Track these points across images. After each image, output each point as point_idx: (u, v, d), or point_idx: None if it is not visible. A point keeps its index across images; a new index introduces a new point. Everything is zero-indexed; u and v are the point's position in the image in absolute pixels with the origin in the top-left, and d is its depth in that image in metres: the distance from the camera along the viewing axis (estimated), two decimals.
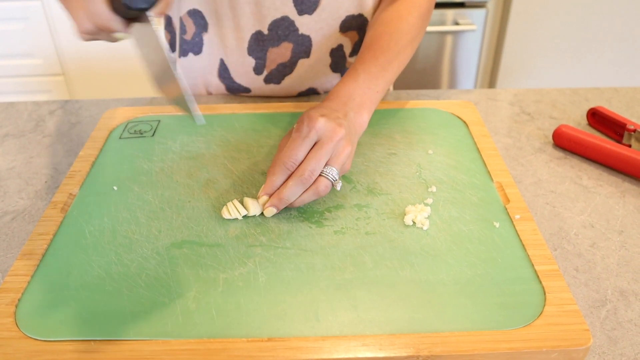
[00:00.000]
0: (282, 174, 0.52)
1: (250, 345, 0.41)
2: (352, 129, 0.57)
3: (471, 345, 0.41)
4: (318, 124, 0.53)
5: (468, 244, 0.50)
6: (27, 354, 0.41)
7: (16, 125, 0.76)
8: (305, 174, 0.51)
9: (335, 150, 0.53)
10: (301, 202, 0.52)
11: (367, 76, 0.61)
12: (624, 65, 1.76)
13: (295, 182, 0.51)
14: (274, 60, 0.76)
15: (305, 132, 0.53)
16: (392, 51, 0.64)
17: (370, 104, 0.61)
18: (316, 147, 0.52)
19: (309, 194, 0.52)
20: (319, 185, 0.52)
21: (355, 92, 0.60)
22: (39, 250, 0.50)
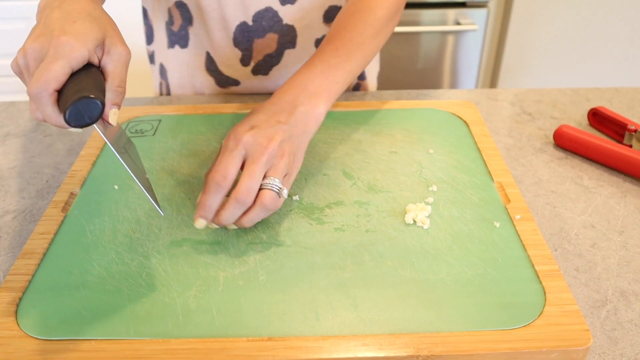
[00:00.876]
0: (215, 192, 0.48)
1: (250, 344, 0.41)
2: (300, 129, 0.53)
3: (471, 345, 0.41)
4: (245, 138, 0.49)
5: (468, 244, 0.50)
6: (28, 353, 0.41)
7: (17, 125, 0.76)
8: (241, 195, 0.48)
9: (271, 163, 0.49)
10: (250, 221, 0.49)
11: (325, 66, 0.57)
12: (625, 65, 1.76)
13: (232, 205, 0.48)
14: (260, 51, 0.77)
15: (232, 146, 0.50)
16: (354, 43, 0.61)
17: (327, 95, 0.56)
18: (248, 163, 0.49)
19: (255, 212, 0.49)
20: (264, 199, 0.48)
21: (310, 82, 0.56)
22: (40, 249, 0.50)
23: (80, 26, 0.45)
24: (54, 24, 0.45)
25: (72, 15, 0.46)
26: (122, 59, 0.47)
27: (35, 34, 0.46)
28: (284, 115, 0.52)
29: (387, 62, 1.71)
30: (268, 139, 0.50)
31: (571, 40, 1.71)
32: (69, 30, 0.44)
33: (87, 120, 0.42)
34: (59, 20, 0.45)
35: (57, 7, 0.47)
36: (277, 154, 0.50)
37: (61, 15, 0.46)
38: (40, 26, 0.46)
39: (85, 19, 0.46)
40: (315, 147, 0.63)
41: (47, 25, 0.45)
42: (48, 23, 0.46)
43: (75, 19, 0.46)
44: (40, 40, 0.44)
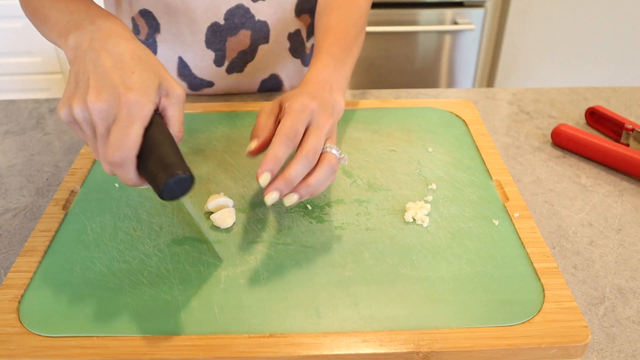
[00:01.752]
0: (284, 146, 0.47)
1: (251, 341, 0.42)
2: (335, 113, 0.55)
3: (471, 342, 0.41)
4: (312, 105, 0.50)
5: (468, 241, 0.50)
6: (30, 349, 0.41)
7: (17, 123, 0.76)
8: (310, 151, 0.47)
9: (330, 133, 0.51)
10: (319, 181, 0.48)
11: (336, 62, 0.59)
12: (623, 64, 1.77)
13: (301, 161, 0.47)
14: (233, 49, 0.77)
15: (300, 109, 0.49)
16: (351, 36, 0.63)
17: (342, 89, 0.58)
18: (313, 127, 0.49)
19: (323, 171, 0.48)
20: (331, 158, 0.49)
21: (331, 78, 0.57)
22: (41, 247, 0.50)
23: (140, 77, 0.44)
24: (112, 76, 0.43)
25: (125, 62, 0.44)
26: (180, 100, 0.47)
27: (93, 87, 0.43)
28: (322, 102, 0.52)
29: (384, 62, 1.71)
30: (330, 110, 0.52)
31: (568, 39, 1.72)
32: (133, 85, 0.43)
33: (179, 194, 0.43)
34: (114, 70, 0.44)
35: (102, 50, 0.45)
36: (334, 126, 0.52)
37: (113, 62, 0.44)
38: (93, 77, 0.44)
39: (141, 67, 0.45)
40: None
41: (102, 77, 0.43)
42: (101, 73, 0.44)
43: (133, 69, 0.44)
44: (105, 99, 0.43)
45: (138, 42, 0.48)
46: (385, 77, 1.74)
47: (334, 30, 0.62)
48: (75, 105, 0.44)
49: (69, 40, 0.48)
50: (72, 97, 0.44)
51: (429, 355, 0.41)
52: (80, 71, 0.45)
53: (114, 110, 0.43)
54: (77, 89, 0.45)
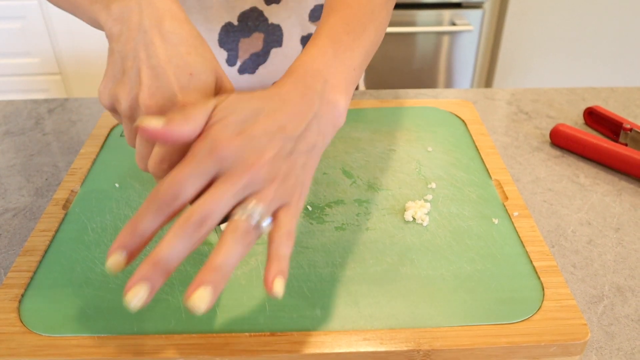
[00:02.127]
0: (151, 213, 0.34)
1: (252, 339, 0.42)
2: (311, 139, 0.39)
3: (471, 340, 0.42)
4: (225, 150, 0.35)
5: (467, 240, 0.50)
6: (31, 348, 0.41)
7: (16, 123, 0.76)
8: (192, 218, 0.33)
9: (254, 187, 0.35)
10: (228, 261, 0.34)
11: (339, 47, 0.43)
12: (621, 65, 1.77)
13: (175, 233, 0.33)
14: (246, 50, 0.76)
15: (203, 154, 0.35)
16: (364, 11, 0.46)
17: (346, 86, 0.42)
18: (219, 180, 0.35)
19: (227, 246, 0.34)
20: (236, 228, 0.34)
21: (327, 72, 0.41)
22: (41, 246, 0.50)
23: (199, 81, 0.39)
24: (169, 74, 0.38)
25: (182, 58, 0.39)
26: None
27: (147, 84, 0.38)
28: (295, 121, 0.38)
29: (383, 63, 1.71)
30: (259, 153, 0.35)
31: (566, 40, 1.72)
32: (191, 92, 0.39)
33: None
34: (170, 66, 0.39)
35: (155, 34, 0.39)
36: (266, 176, 0.36)
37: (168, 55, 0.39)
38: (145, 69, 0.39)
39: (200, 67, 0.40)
40: None
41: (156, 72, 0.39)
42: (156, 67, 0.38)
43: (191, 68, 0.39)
44: (159, 102, 0.38)
45: (192, 25, 0.42)
46: (384, 78, 1.74)
47: (341, 6, 0.46)
48: (122, 99, 0.39)
49: (113, 10, 0.40)
50: (118, 87, 0.40)
51: (429, 353, 0.41)
52: (129, 56, 0.39)
53: (164, 114, 0.38)
54: (125, 77, 0.39)
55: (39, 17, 1.65)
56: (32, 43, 1.69)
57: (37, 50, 1.71)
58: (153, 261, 0.33)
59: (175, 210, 0.35)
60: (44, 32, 1.67)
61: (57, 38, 1.69)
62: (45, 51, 1.71)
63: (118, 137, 0.66)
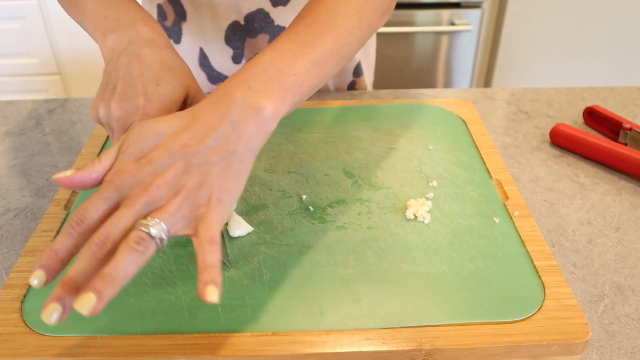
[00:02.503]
0: (64, 236, 0.38)
1: (255, 339, 0.42)
2: (224, 147, 0.39)
3: (473, 339, 0.42)
4: (120, 179, 0.39)
5: (469, 238, 0.50)
6: (33, 348, 0.41)
7: (16, 124, 0.76)
8: (95, 240, 0.37)
9: (154, 205, 0.38)
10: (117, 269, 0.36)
11: (276, 54, 0.43)
12: (620, 64, 1.78)
13: (82, 254, 0.37)
14: (251, 50, 0.77)
15: (104, 186, 0.39)
16: (320, 21, 0.46)
17: (279, 92, 0.42)
18: (121, 205, 0.38)
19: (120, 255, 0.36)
20: (129, 239, 0.36)
21: (253, 77, 0.42)
22: (43, 246, 0.50)
23: (163, 90, 0.45)
24: (136, 84, 0.45)
25: (154, 72, 0.46)
26: None
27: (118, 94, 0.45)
28: (201, 135, 0.39)
29: (382, 63, 1.72)
30: (154, 175, 0.38)
31: (565, 40, 1.73)
32: (154, 98, 0.45)
33: None
34: (140, 79, 0.45)
35: (135, 57, 0.46)
36: (166, 193, 0.38)
37: (141, 71, 0.46)
38: (120, 83, 0.46)
39: (168, 78, 0.46)
40: (316, 148, 0.63)
41: (128, 84, 0.45)
42: (129, 80, 0.45)
43: (159, 80, 0.45)
44: (125, 107, 0.45)
45: (173, 51, 0.49)
46: (383, 78, 1.74)
47: (297, 21, 0.47)
48: (100, 108, 0.46)
49: (107, 41, 0.49)
50: (99, 98, 0.47)
51: (431, 353, 0.41)
52: (112, 74, 0.47)
53: (131, 118, 0.45)
54: (106, 91, 0.47)
55: (38, 18, 1.65)
56: (31, 43, 1.69)
57: (36, 51, 1.71)
58: (63, 282, 0.36)
59: (83, 233, 0.38)
60: (43, 33, 1.67)
61: (56, 38, 1.69)
62: (44, 51, 1.71)
63: None
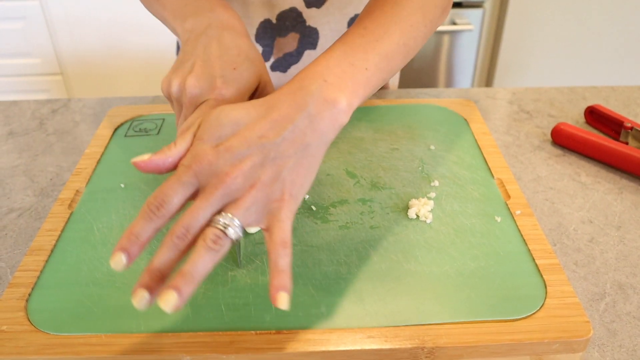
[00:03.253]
0: (145, 220, 0.38)
1: (258, 337, 0.42)
2: (300, 140, 0.40)
3: (475, 337, 0.42)
4: (200, 164, 0.38)
5: (471, 237, 0.51)
6: (38, 347, 0.42)
7: (20, 124, 0.77)
8: (175, 232, 0.37)
9: (232, 196, 0.38)
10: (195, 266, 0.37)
11: (347, 48, 0.44)
12: (621, 63, 1.77)
13: (165, 244, 0.37)
14: (281, 49, 0.77)
15: (182, 170, 0.39)
16: (388, 17, 0.47)
17: (352, 85, 0.42)
18: (198, 197, 0.39)
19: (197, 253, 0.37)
20: (205, 237, 0.37)
21: (328, 71, 0.42)
22: (47, 246, 0.51)
23: (240, 75, 0.46)
24: (215, 65, 0.45)
25: (232, 56, 0.46)
26: None
27: (196, 71, 0.45)
28: (278, 127, 0.39)
29: None
30: (232, 165, 0.38)
31: (567, 39, 1.73)
32: (231, 81, 0.45)
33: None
34: (219, 61, 0.46)
35: (215, 39, 0.47)
36: (242, 185, 0.38)
37: (221, 53, 0.46)
38: (199, 62, 0.46)
39: (245, 65, 0.46)
40: None
41: (207, 64, 0.46)
42: (207, 60, 0.46)
43: (236, 65, 0.46)
44: (201, 85, 0.45)
45: (249, 39, 0.50)
46: None
47: (364, 17, 0.48)
48: (174, 82, 0.46)
49: (186, 23, 0.50)
50: (174, 73, 0.47)
51: (433, 351, 0.42)
52: (189, 52, 0.47)
53: (204, 97, 0.45)
54: (181, 67, 0.47)
55: (40, 18, 1.65)
56: (33, 43, 1.70)
57: (38, 51, 1.71)
58: (149, 271, 0.37)
59: (163, 217, 0.38)
60: (45, 33, 1.68)
61: (58, 39, 1.69)
62: (46, 52, 1.71)
63: (122, 138, 0.67)
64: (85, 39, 1.69)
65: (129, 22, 1.67)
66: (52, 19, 1.66)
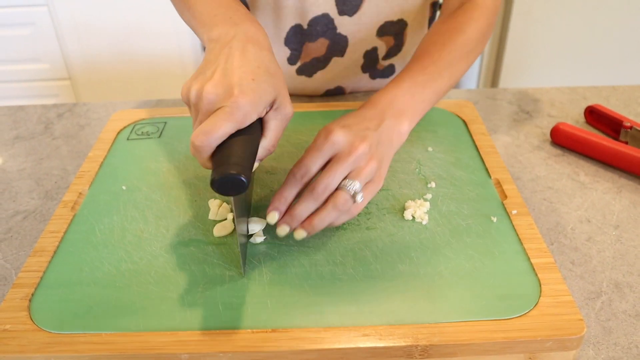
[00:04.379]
0: (291, 185, 0.49)
1: (255, 336, 0.43)
2: (386, 140, 0.52)
3: (468, 335, 0.42)
4: (335, 137, 0.49)
5: (466, 238, 0.51)
6: (41, 345, 0.43)
7: (26, 128, 0.78)
8: (317, 189, 0.48)
9: (356, 165, 0.49)
10: (321, 220, 0.48)
11: (412, 84, 0.57)
12: (625, 63, 1.77)
13: (306, 198, 0.48)
14: (309, 54, 0.78)
15: (320, 144, 0.50)
16: (443, 61, 0.60)
17: (413, 113, 0.56)
18: (332, 161, 0.49)
19: (326, 210, 0.48)
20: (335, 198, 0.48)
21: (397, 99, 0.56)
22: (50, 247, 0.52)
23: (258, 87, 0.46)
24: (234, 75, 0.46)
25: (252, 68, 0.47)
26: (286, 119, 0.50)
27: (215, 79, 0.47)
28: (373, 123, 0.52)
29: None
30: (360, 138, 0.50)
31: (570, 40, 1.72)
32: (247, 91, 0.45)
33: (232, 193, 0.43)
34: (239, 71, 0.47)
35: (238, 51, 0.48)
36: (365, 156, 0.49)
37: (242, 63, 0.47)
38: (219, 70, 0.47)
39: (264, 77, 0.47)
40: None
41: (226, 73, 0.47)
42: (228, 69, 0.47)
43: (255, 76, 0.47)
44: (217, 92, 0.46)
45: (272, 54, 0.51)
46: None
47: (424, 56, 0.61)
48: (193, 88, 0.48)
49: (213, 32, 0.52)
50: (194, 80, 0.48)
51: (427, 349, 0.42)
52: (212, 60, 0.49)
53: (220, 103, 0.46)
54: (202, 74, 0.48)
55: (48, 23, 1.67)
56: (41, 49, 1.72)
57: (47, 56, 1.74)
58: (291, 213, 0.49)
59: (306, 182, 0.50)
60: (53, 38, 1.70)
61: (67, 44, 1.71)
62: (55, 57, 1.74)
63: (125, 141, 0.68)
64: (93, 44, 1.71)
65: (135, 27, 1.69)
66: (60, 25, 1.68)
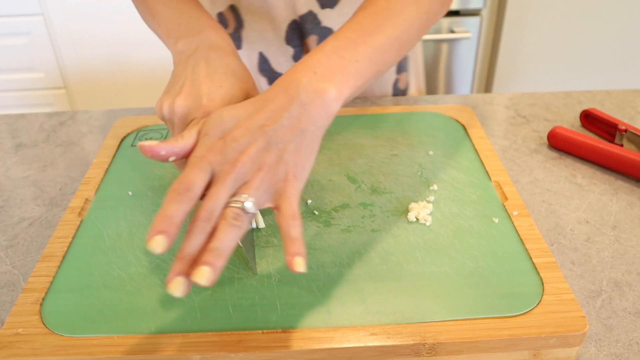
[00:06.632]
0: (174, 202, 0.40)
1: (265, 336, 0.44)
2: (296, 126, 0.43)
3: (474, 333, 0.43)
4: (210, 154, 0.42)
5: (469, 239, 0.52)
6: (53, 348, 0.43)
7: (28, 136, 0.79)
8: (201, 216, 0.40)
9: (243, 179, 0.42)
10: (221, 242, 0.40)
11: (339, 42, 0.47)
12: (617, 68, 1.79)
13: (193, 228, 0.40)
14: (309, 50, 0.80)
15: (196, 161, 0.42)
16: (379, 11, 0.50)
17: (342, 76, 0.45)
18: (213, 184, 0.42)
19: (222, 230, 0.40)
20: (225, 215, 0.40)
21: (317, 63, 0.45)
22: (59, 252, 0.52)
23: (226, 92, 0.48)
24: (201, 85, 0.48)
25: (219, 75, 0.48)
26: None
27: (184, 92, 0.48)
28: (274, 114, 0.44)
29: None
30: (239, 152, 0.42)
31: (563, 45, 1.75)
32: (216, 99, 0.47)
33: None
34: (206, 80, 0.48)
35: (203, 60, 0.49)
36: (250, 168, 0.42)
37: (207, 72, 0.48)
38: (187, 82, 0.48)
39: (231, 82, 0.48)
40: (320, 155, 0.65)
41: (194, 84, 0.48)
42: (195, 80, 0.48)
43: (222, 83, 0.48)
44: (187, 104, 0.47)
45: (237, 57, 0.52)
46: None
47: (358, 12, 0.51)
48: (165, 104, 0.49)
49: (178, 45, 0.53)
50: (165, 96, 0.49)
51: (434, 346, 0.43)
52: (179, 74, 0.50)
53: (193, 115, 0.47)
54: (172, 89, 0.49)
55: (43, 32, 1.68)
56: (36, 58, 1.72)
57: (42, 65, 1.74)
58: (180, 258, 0.39)
59: (190, 200, 0.41)
60: (49, 47, 1.70)
61: (62, 53, 1.72)
62: (50, 66, 1.74)
63: (129, 147, 0.68)
64: (88, 53, 1.72)
65: (131, 36, 1.70)
66: (55, 34, 1.69)
